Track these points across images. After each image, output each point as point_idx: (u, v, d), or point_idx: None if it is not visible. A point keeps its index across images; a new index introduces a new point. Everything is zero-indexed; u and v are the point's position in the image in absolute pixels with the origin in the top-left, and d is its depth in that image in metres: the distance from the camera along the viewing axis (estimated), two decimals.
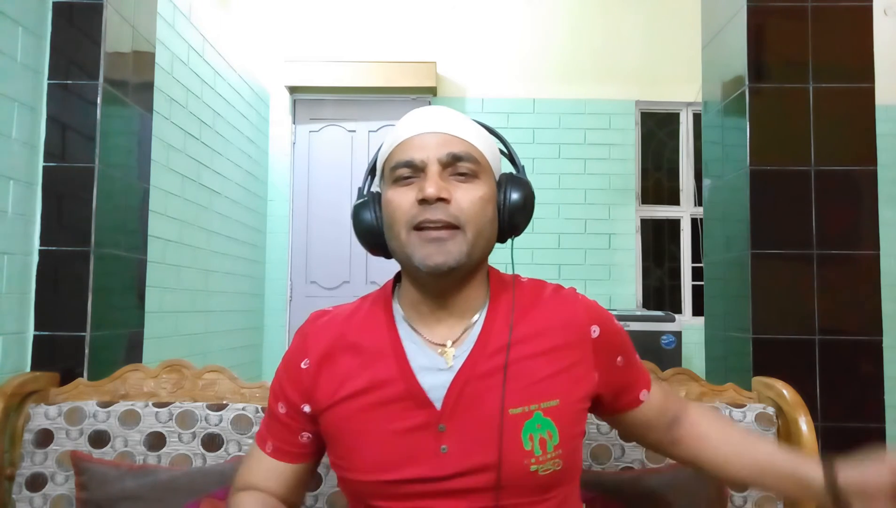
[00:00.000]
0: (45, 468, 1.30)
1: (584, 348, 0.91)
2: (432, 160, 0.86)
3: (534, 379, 0.87)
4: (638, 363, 1.00)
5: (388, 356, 0.89)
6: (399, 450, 0.85)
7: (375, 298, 0.97)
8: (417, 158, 0.86)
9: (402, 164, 0.87)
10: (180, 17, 2.76)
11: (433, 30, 4.12)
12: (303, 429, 0.94)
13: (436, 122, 0.89)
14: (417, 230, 0.85)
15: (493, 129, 0.97)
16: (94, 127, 1.59)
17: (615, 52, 4.09)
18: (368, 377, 0.88)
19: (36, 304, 1.56)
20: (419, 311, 0.92)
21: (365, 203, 0.94)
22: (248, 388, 1.40)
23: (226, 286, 3.33)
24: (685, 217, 4.19)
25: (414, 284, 0.92)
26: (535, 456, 0.84)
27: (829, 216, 1.64)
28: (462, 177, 0.87)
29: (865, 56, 1.67)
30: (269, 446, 0.96)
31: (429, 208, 0.84)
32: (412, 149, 0.87)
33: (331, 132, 4.16)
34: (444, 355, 0.88)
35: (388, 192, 0.89)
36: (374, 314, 0.94)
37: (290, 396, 0.93)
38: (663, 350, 3.31)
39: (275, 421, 0.96)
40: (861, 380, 1.60)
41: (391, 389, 0.87)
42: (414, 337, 0.91)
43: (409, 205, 0.86)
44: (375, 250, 0.95)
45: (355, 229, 0.95)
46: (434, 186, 0.84)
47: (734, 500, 1.28)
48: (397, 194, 0.87)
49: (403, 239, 0.86)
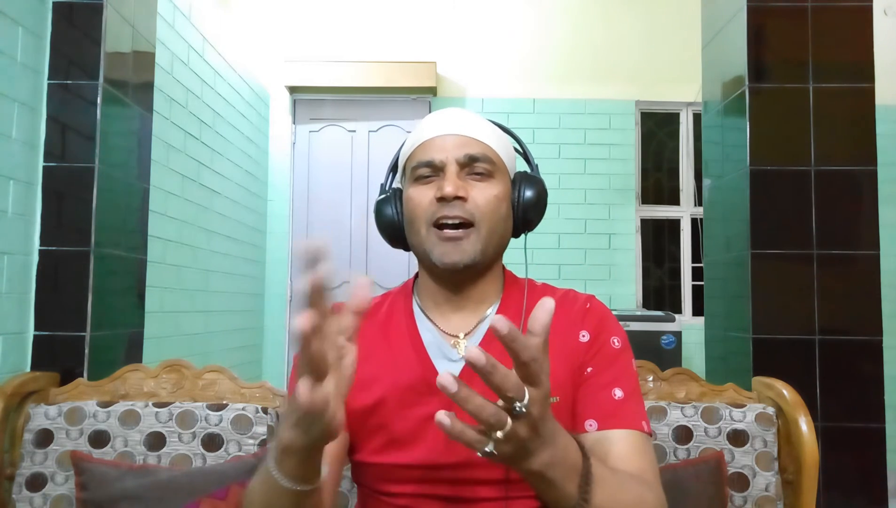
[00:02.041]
0: (45, 468, 1.30)
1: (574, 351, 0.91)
2: (451, 161, 0.92)
3: None
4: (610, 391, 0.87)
5: (407, 345, 0.93)
6: (412, 434, 0.88)
7: (398, 292, 1.02)
8: (437, 158, 0.92)
9: (423, 164, 0.93)
10: (180, 17, 2.76)
11: (433, 30, 4.12)
12: None
13: (455, 124, 0.94)
14: (436, 228, 0.91)
15: (508, 128, 1.02)
16: (94, 127, 1.59)
17: (615, 52, 4.09)
18: (389, 364, 0.92)
19: (36, 304, 1.56)
20: (436, 301, 0.97)
21: (387, 199, 1.00)
22: (248, 388, 1.40)
23: (226, 286, 3.33)
24: (685, 217, 4.19)
25: (431, 276, 0.97)
26: None
27: (829, 216, 1.64)
28: (478, 176, 0.93)
29: (865, 56, 1.67)
30: None
31: (447, 206, 0.90)
32: (432, 150, 0.93)
33: (331, 132, 4.15)
34: (456, 345, 0.93)
35: (409, 189, 0.95)
36: (395, 306, 0.99)
37: None
38: (663, 350, 3.31)
39: None
40: (861, 380, 1.60)
41: (408, 375, 0.90)
42: (430, 327, 0.95)
43: (428, 202, 0.91)
44: (396, 243, 1.01)
45: (377, 222, 1.01)
46: (452, 185, 0.89)
47: (734, 500, 1.28)
48: (418, 191, 0.93)
49: (423, 235, 0.92)
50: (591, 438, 0.84)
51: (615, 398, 0.87)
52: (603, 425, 0.85)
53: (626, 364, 0.91)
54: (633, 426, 0.85)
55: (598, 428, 0.85)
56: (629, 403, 0.87)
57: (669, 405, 1.33)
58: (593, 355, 0.90)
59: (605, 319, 0.94)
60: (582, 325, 0.92)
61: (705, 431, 1.31)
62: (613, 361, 0.90)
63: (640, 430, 0.85)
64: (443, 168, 0.92)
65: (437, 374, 0.89)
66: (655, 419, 1.31)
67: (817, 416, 1.58)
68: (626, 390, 0.88)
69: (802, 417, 1.28)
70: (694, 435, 1.30)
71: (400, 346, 0.93)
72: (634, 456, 0.83)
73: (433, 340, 0.93)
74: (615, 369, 0.89)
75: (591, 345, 0.91)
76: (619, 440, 0.84)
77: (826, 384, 1.60)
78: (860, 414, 1.60)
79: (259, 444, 1.31)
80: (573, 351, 0.91)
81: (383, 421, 0.89)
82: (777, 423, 1.32)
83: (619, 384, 0.88)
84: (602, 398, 0.87)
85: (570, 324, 0.93)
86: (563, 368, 0.90)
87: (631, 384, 0.89)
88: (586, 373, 0.89)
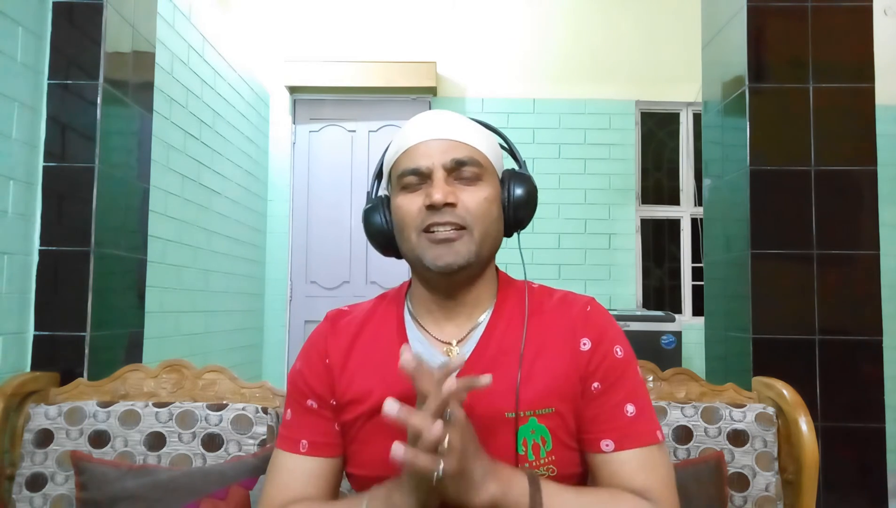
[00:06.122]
0: (45, 468, 1.30)
1: (574, 360, 0.89)
2: (437, 167, 0.89)
3: (531, 384, 0.87)
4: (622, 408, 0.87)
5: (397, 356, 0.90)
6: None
7: (391, 298, 1.01)
8: (423, 165, 0.90)
9: (409, 172, 0.90)
10: (180, 17, 2.76)
11: (433, 30, 4.12)
12: (336, 419, 0.94)
13: (439, 128, 0.92)
14: (427, 232, 0.89)
15: (493, 127, 1.00)
16: (94, 127, 1.59)
17: (615, 52, 4.09)
18: (379, 377, 0.90)
19: (36, 304, 1.56)
20: (429, 309, 0.95)
21: (374, 207, 0.98)
22: (248, 388, 1.40)
23: (226, 286, 3.33)
24: (685, 217, 4.19)
25: (424, 284, 0.95)
26: (528, 461, 0.85)
27: (829, 216, 1.64)
28: (466, 180, 0.90)
29: (865, 56, 1.67)
30: (303, 445, 0.93)
31: (436, 213, 0.88)
32: (417, 156, 0.90)
33: (331, 132, 4.15)
34: (449, 353, 0.91)
35: (396, 198, 0.92)
36: (387, 315, 0.97)
37: (318, 391, 0.94)
38: (663, 350, 3.31)
39: (308, 417, 0.94)
40: (861, 380, 1.60)
41: (398, 387, 0.88)
42: (421, 337, 0.93)
43: (417, 210, 0.89)
44: (387, 251, 0.99)
45: (367, 232, 0.99)
46: (441, 193, 0.87)
47: (734, 500, 1.28)
48: (406, 200, 0.91)
49: (413, 242, 0.90)
50: (605, 458, 0.86)
51: (628, 415, 0.87)
52: (620, 445, 0.86)
53: (633, 375, 0.90)
54: (647, 442, 0.86)
55: (615, 449, 0.86)
56: (642, 418, 0.88)
57: (669, 405, 1.33)
58: (596, 367, 0.89)
59: (606, 325, 0.92)
60: (583, 332, 0.91)
61: (705, 431, 1.31)
62: (621, 375, 0.89)
63: (655, 442, 0.87)
64: (430, 175, 0.89)
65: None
66: None
67: (817, 416, 1.58)
68: (638, 404, 0.88)
69: (802, 417, 1.28)
70: (694, 435, 1.30)
71: (390, 358, 0.90)
72: (642, 474, 0.85)
73: (423, 350, 0.92)
74: (625, 384, 0.89)
75: (593, 355, 0.89)
76: (631, 460, 0.85)
77: (826, 384, 1.60)
78: (860, 414, 1.60)
79: (259, 444, 1.31)
80: (574, 359, 0.89)
81: (377, 434, 0.88)
82: (777, 423, 1.32)
83: (631, 399, 0.88)
84: (616, 417, 0.87)
85: (569, 330, 0.91)
86: (562, 376, 0.88)
87: (641, 396, 0.89)
88: (594, 389, 0.88)
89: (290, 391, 0.97)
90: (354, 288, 4.03)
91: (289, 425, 0.96)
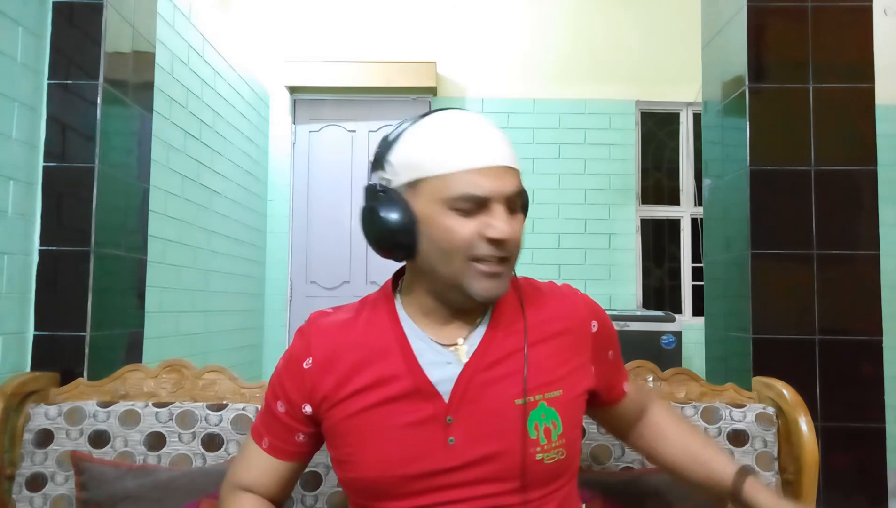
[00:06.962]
0: (45, 468, 1.30)
1: (584, 342, 0.96)
2: (497, 198, 0.85)
3: (538, 370, 0.90)
4: (620, 356, 1.06)
5: (395, 354, 0.90)
6: (406, 445, 0.87)
7: (376, 300, 0.98)
8: (483, 194, 0.85)
9: (467, 198, 0.84)
10: (180, 17, 2.76)
11: (433, 30, 4.12)
12: (299, 430, 0.95)
13: (499, 153, 0.87)
14: (475, 262, 0.86)
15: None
16: (94, 127, 1.59)
17: (615, 52, 4.09)
18: (374, 375, 0.89)
19: (36, 304, 1.56)
20: (431, 317, 0.93)
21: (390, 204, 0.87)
22: (248, 388, 1.40)
23: (226, 286, 3.33)
24: (685, 217, 4.19)
25: (432, 294, 0.92)
26: (540, 445, 0.87)
27: (828, 216, 1.64)
28: (512, 211, 0.88)
29: (865, 56, 1.67)
30: (265, 442, 0.98)
31: (493, 247, 0.85)
32: (479, 182, 0.84)
33: (331, 132, 4.16)
34: (457, 352, 0.91)
35: (444, 219, 0.85)
36: (376, 315, 0.95)
37: (290, 395, 0.94)
38: (663, 350, 3.30)
39: (273, 419, 0.97)
40: (861, 380, 1.60)
41: (398, 384, 0.89)
42: (421, 335, 0.93)
43: (469, 235, 0.85)
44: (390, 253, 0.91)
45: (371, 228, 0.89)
46: (508, 231, 0.85)
47: None
48: (457, 223, 0.85)
49: (457, 268, 0.86)
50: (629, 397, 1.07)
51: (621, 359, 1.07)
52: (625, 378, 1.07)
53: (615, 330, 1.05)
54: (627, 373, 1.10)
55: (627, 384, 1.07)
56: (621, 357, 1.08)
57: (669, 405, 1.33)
58: (606, 339, 1.00)
59: (594, 304, 1.02)
60: (590, 316, 0.98)
61: (705, 431, 1.31)
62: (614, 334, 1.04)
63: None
64: (487, 204, 0.85)
65: (428, 381, 0.88)
66: None
67: (817, 416, 1.58)
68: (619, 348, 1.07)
69: (802, 417, 1.28)
70: None
71: (386, 357, 0.90)
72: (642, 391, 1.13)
73: (426, 347, 0.91)
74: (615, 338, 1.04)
75: (601, 332, 0.99)
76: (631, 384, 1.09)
77: (826, 384, 1.60)
78: (860, 414, 1.60)
79: None
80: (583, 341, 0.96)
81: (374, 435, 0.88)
82: (777, 423, 1.32)
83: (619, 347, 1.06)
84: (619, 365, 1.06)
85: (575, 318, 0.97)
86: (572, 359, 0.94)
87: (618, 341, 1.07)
88: (609, 356, 1.01)
89: (269, 388, 0.99)
90: (354, 288, 4.03)
91: (260, 418, 1.00)
